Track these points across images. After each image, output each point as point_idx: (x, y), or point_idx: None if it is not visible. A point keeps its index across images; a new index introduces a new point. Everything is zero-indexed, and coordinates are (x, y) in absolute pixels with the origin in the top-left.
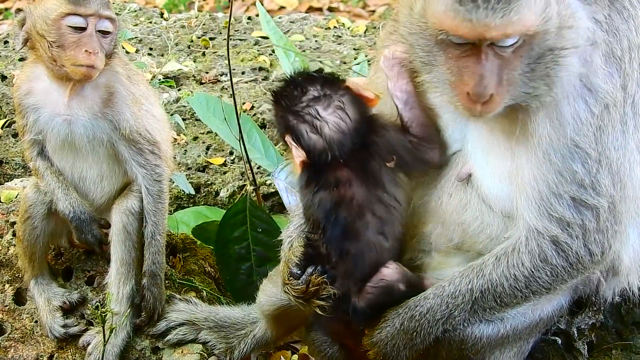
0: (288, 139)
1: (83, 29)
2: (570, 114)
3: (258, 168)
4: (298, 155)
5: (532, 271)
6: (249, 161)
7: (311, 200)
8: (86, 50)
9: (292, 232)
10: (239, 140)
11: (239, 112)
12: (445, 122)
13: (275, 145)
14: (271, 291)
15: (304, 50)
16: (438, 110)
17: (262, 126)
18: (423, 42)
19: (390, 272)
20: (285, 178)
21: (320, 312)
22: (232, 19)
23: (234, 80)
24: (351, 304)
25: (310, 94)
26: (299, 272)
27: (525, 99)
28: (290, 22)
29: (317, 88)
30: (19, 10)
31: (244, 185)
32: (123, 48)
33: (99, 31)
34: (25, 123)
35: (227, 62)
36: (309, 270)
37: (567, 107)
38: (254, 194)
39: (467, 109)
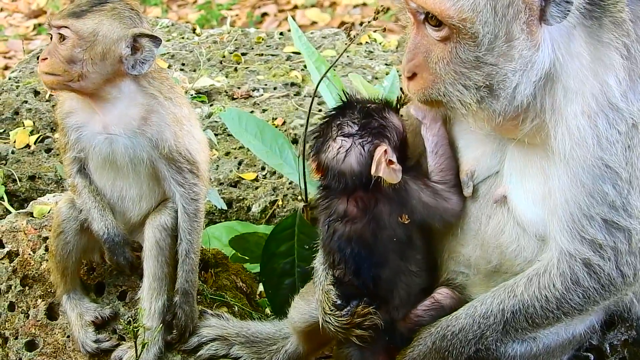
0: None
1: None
2: (589, 131)
3: (290, 183)
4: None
5: (564, 293)
6: (304, 177)
7: (327, 231)
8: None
9: (325, 260)
10: (300, 166)
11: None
12: (484, 147)
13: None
14: (303, 308)
15: (335, 66)
16: (475, 141)
17: (294, 141)
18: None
19: (443, 296)
20: None
21: (359, 343)
22: (264, 34)
23: (266, 96)
24: (397, 330)
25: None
26: (343, 303)
27: (458, 98)
28: (322, 37)
29: (359, 124)
30: None
31: (276, 200)
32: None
33: (60, 40)
34: (66, 141)
35: (259, 77)
36: (354, 301)
37: (581, 123)
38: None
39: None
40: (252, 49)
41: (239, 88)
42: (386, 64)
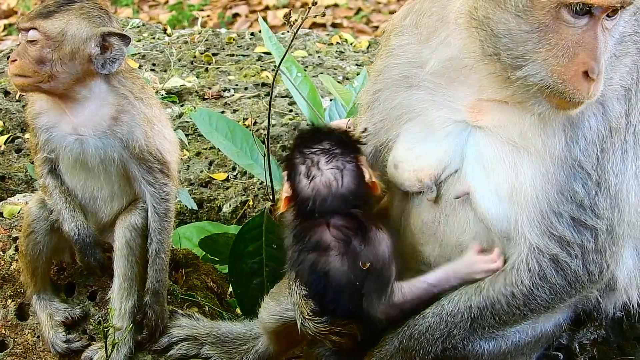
0: (284, 171)
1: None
2: (585, 129)
3: (261, 184)
4: (286, 190)
5: (531, 289)
6: (270, 178)
7: (298, 260)
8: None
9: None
10: (265, 167)
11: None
12: (445, 147)
13: (277, 160)
14: (273, 308)
15: (306, 66)
16: (436, 142)
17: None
18: (524, 28)
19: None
20: None
21: (332, 347)
22: (235, 34)
23: (237, 96)
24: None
25: (323, 144)
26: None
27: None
28: None
29: (331, 142)
30: None
31: (247, 200)
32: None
33: (29, 41)
34: (37, 142)
35: (230, 77)
36: None
37: (585, 121)
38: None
39: (576, 93)
40: (223, 49)
41: (209, 88)
42: (357, 65)
